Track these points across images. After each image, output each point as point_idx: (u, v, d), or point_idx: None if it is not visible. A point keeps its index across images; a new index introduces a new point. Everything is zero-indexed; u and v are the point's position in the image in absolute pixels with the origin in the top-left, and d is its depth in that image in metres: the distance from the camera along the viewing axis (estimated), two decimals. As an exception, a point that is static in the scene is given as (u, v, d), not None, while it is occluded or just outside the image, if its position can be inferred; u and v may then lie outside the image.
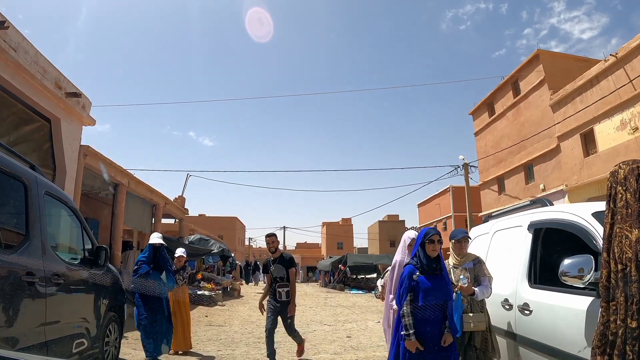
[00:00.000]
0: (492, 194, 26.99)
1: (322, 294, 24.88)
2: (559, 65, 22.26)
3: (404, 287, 3.72)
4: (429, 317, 3.64)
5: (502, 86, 25.81)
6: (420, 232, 3.99)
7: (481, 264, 4.05)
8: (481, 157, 27.53)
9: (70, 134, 9.61)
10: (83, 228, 4.51)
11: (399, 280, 4.12)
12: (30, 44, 8.35)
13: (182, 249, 8.12)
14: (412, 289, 3.67)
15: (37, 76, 8.33)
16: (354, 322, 11.99)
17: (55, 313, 3.63)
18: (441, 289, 3.68)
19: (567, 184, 19.88)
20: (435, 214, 43.17)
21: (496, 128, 26.42)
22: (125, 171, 12.53)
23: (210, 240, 21.42)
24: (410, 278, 3.71)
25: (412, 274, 3.73)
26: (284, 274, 6.06)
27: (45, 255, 3.51)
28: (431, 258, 3.72)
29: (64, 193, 4.27)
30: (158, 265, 6.24)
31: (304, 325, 10.95)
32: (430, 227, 4.14)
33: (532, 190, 22.61)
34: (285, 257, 6.18)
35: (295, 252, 67.14)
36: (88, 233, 4.60)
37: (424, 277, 3.67)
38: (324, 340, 8.78)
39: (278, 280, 6.04)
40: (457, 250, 4.18)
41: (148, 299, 6.02)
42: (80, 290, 4.19)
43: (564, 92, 20.19)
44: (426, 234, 3.79)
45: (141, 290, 5.97)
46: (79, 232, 4.48)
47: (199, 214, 52.67)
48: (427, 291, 3.62)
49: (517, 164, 24.01)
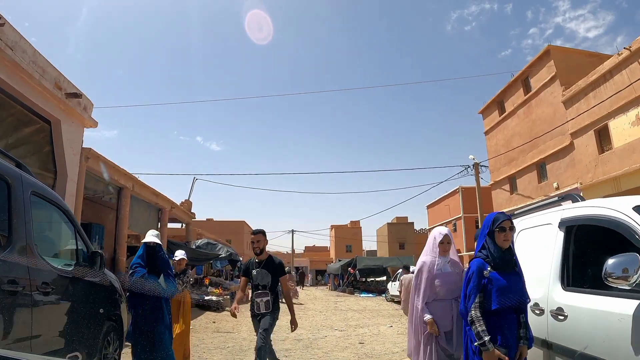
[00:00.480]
0: (504, 193, 26.47)
1: (331, 298, 24.51)
2: (570, 60, 21.76)
3: (471, 285, 3.06)
4: (503, 323, 3.00)
5: (512, 84, 25.32)
6: (486, 218, 3.31)
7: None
8: (492, 156, 27.02)
9: (71, 136, 9.34)
10: (77, 232, 4.19)
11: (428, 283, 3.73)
12: (28, 43, 8.10)
13: (182, 251, 7.47)
14: (482, 289, 3.04)
15: (36, 76, 8.08)
16: (366, 327, 11.60)
17: (44, 325, 3.31)
18: (517, 288, 3.08)
19: (581, 181, 19.36)
20: (445, 215, 42.65)
21: (507, 126, 25.92)
22: (130, 174, 12.27)
23: (217, 245, 21.15)
24: (480, 275, 3.05)
25: (483, 269, 3.06)
26: (268, 281, 4.94)
27: (32, 261, 3.19)
28: (502, 250, 3.11)
29: (55, 194, 3.95)
30: (155, 268, 5.25)
31: (315, 331, 10.59)
32: (497, 212, 3.35)
33: (545, 189, 22.09)
34: (274, 261, 5.08)
35: (303, 256, 66.84)
36: (83, 237, 4.28)
37: (497, 273, 3.05)
38: (336, 347, 8.41)
39: (260, 288, 4.93)
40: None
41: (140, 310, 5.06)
42: (74, 299, 3.85)
43: (577, 87, 19.70)
44: (494, 221, 3.15)
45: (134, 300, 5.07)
46: (73, 236, 4.16)
47: (207, 219, 52.55)
48: (502, 291, 2.99)
49: (529, 163, 23.48)
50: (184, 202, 20.54)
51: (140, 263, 5.17)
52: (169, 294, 5.23)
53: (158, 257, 5.32)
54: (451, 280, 3.79)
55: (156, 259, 5.29)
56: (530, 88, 23.70)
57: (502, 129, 26.45)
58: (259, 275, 4.95)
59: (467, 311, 3.04)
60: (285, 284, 5.11)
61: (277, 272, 5.02)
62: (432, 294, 3.75)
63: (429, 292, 3.75)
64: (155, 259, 5.27)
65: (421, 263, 3.98)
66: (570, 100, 20.17)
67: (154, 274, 5.16)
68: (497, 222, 3.11)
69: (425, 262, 3.93)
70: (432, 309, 3.70)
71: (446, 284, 3.79)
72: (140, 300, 5.00)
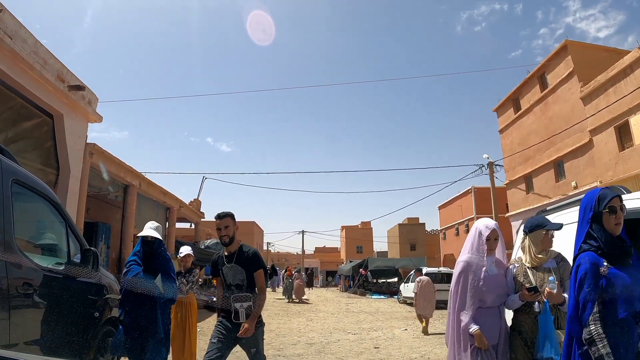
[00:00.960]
0: (520, 193, 25.79)
1: (343, 300, 24.04)
2: (588, 56, 21.08)
3: (587, 290, 2.15)
4: (622, 339, 2.08)
5: (528, 80, 24.64)
6: (585, 197, 2.42)
7: (565, 262, 3.00)
8: (507, 155, 26.36)
9: (74, 130, 9.01)
10: (69, 227, 3.79)
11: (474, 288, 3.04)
12: (29, 33, 7.78)
13: (188, 247, 6.55)
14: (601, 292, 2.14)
15: (37, 67, 7.76)
16: (380, 330, 11.13)
17: (24, 332, 2.92)
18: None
19: (601, 180, 18.70)
20: (457, 216, 41.94)
21: (522, 124, 25.24)
22: (136, 172, 11.93)
23: (226, 245, 20.77)
24: (596, 274, 2.16)
25: (598, 266, 2.17)
26: (244, 278, 3.76)
27: (11, 258, 2.79)
28: (615, 237, 2.25)
29: (43, 184, 3.55)
30: (153, 267, 4.31)
31: (327, 334, 10.15)
32: (600, 188, 2.43)
33: (563, 188, 21.43)
34: (247, 252, 3.84)
35: (314, 257, 66.41)
36: (75, 233, 3.88)
37: (616, 269, 2.17)
38: (350, 352, 7.95)
39: (234, 289, 3.74)
40: (546, 244, 3.03)
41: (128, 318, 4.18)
42: (62, 301, 3.45)
43: (596, 83, 19.06)
44: (600, 199, 2.29)
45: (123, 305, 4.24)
46: (64, 232, 3.76)
47: (217, 219, 52.28)
48: (628, 292, 2.12)
49: (546, 161, 22.80)
50: (193, 202, 20.22)
51: (136, 260, 4.33)
52: (166, 299, 4.33)
53: (157, 254, 4.41)
54: (499, 283, 3.14)
55: (155, 256, 4.38)
56: (547, 84, 23.04)
57: (518, 126, 25.78)
58: (231, 272, 3.78)
59: (582, 326, 2.15)
60: (260, 279, 3.82)
61: (250, 265, 3.78)
62: (479, 301, 3.10)
63: (476, 299, 3.07)
64: (153, 257, 4.38)
65: (463, 264, 3.19)
66: (589, 96, 19.55)
67: (152, 274, 4.26)
68: (603, 200, 2.28)
69: (469, 263, 3.16)
70: (479, 319, 3.04)
71: (494, 288, 3.11)
72: (131, 306, 4.15)
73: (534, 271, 2.99)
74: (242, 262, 3.78)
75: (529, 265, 3.04)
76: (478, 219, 3.55)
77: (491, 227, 3.20)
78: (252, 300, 3.70)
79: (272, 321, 12.77)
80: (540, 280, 2.90)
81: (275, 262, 58.23)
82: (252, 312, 3.66)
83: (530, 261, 3.05)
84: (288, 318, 13.87)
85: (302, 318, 13.94)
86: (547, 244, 3.03)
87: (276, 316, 14.33)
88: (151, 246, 4.42)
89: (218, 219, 3.78)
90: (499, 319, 3.12)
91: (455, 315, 3.16)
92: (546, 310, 2.77)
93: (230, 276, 3.79)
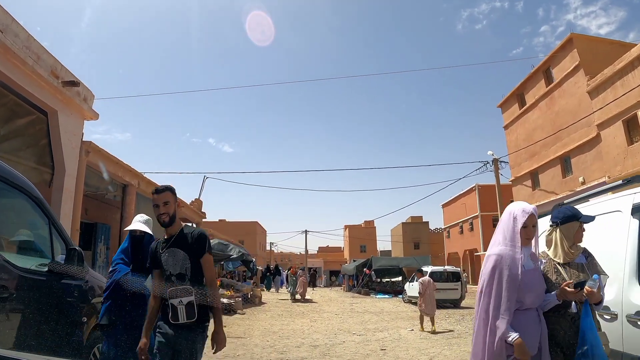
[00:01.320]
0: (526, 189, 25.45)
1: (347, 299, 23.75)
2: (594, 49, 20.79)
3: None
4: None
5: (533, 75, 24.32)
6: None
7: (593, 258, 2.73)
8: (512, 151, 26.01)
9: (69, 128, 8.76)
10: (52, 224, 3.52)
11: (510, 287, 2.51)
12: (21, 27, 7.53)
13: None
14: None
15: (29, 62, 7.51)
16: (386, 331, 10.83)
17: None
18: None
19: (609, 175, 18.39)
20: (461, 214, 41.63)
21: (528, 120, 24.90)
22: (135, 171, 11.67)
23: (229, 245, 20.53)
24: None
25: None
26: (187, 267, 2.94)
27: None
28: None
29: (23, 178, 3.27)
30: (142, 265, 3.60)
31: (332, 336, 9.86)
32: None
33: (570, 183, 21.10)
34: (190, 233, 3.05)
35: (317, 256, 66.16)
36: (60, 231, 3.61)
37: None
38: (356, 355, 7.66)
39: (174, 280, 2.93)
40: (578, 238, 2.71)
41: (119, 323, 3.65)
42: (43, 305, 3.16)
43: (603, 76, 18.74)
44: None
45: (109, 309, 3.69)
46: (46, 230, 3.48)
47: (219, 219, 52.26)
48: None
49: (552, 157, 22.47)
50: (194, 202, 19.99)
51: (123, 259, 3.85)
52: None
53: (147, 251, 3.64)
54: (538, 280, 2.62)
55: (145, 253, 3.59)
56: (553, 79, 22.72)
57: (523, 122, 25.44)
58: (171, 259, 2.97)
59: None
60: (207, 266, 3.00)
61: (195, 249, 2.98)
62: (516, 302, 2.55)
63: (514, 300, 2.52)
64: (143, 254, 3.68)
65: (496, 257, 2.63)
66: (596, 90, 19.24)
67: (142, 273, 3.65)
68: None
69: (502, 256, 2.60)
70: (516, 325, 2.49)
71: (534, 286, 2.57)
72: (117, 310, 3.65)
73: (567, 267, 2.65)
74: (184, 246, 2.98)
75: (559, 260, 2.68)
76: (511, 202, 2.95)
77: (529, 211, 2.64)
78: (195, 295, 2.86)
79: (275, 322, 12.51)
80: (575, 278, 2.57)
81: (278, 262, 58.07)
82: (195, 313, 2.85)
83: (563, 256, 2.69)
84: (291, 319, 13.60)
85: (306, 319, 13.67)
86: (579, 238, 2.70)
87: (279, 317, 14.06)
88: (140, 242, 3.91)
89: (156, 194, 3.07)
90: (539, 323, 2.58)
91: (488, 320, 2.59)
92: (588, 313, 2.42)
93: (170, 264, 2.97)
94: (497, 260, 2.61)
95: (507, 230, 2.68)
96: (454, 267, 22.47)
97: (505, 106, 27.73)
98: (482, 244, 36.14)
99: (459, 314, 15.07)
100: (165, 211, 3.00)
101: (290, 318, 13.85)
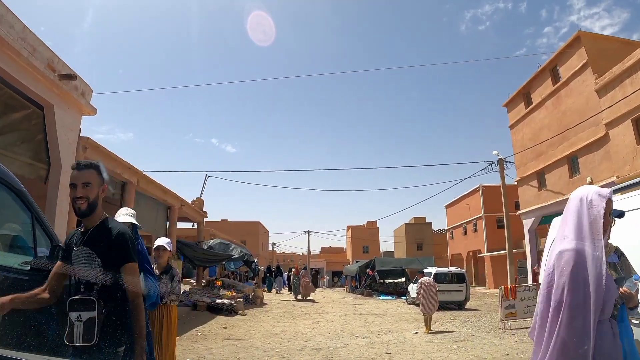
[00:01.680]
0: (532, 190, 25.08)
1: (350, 300, 23.45)
2: (602, 47, 20.40)
3: None
4: None
5: (539, 74, 23.94)
6: None
7: (625, 257, 2.39)
8: (518, 151, 25.63)
9: (66, 123, 8.50)
10: (36, 219, 3.25)
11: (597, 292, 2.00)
12: (16, 18, 7.27)
13: (167, 239, 5.19)
14: None
15: (24, 54, 7.23)
16: (390, 334, 10.55)
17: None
18: None
19: (618, 175, 18.00)
20: (465, 215, 41.23)
21: (534, 119, 24.53)
22: (134, 168, 11.41)
23: (230, 245, 20.28)
24: None
25: None
26: (99, 273, 2.22)
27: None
28: None
29: (5, 169, 3.01)
30: None
31: (335, 338, 9.58)
32: None
33: (578, 184, 20.70)
34: (110, 228, 2.33)
35: (320, 257, 65.84)
36: (45, 227, 3.34)
37: None
38: (361, 359, 7.39)
39: (81, 287, 2.24)
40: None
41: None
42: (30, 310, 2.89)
43: (611, 75, 18.37)
44: None
45: None
46: (29, 225, 3.21)
47: (221, 219, 52.03)
48: None
49: (559, 157, 22.08)
50: (195, 200, 19.72)
51: None
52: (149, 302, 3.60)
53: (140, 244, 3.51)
54: (613, 283, 2.14)
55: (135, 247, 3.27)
56: (560, 77, 22.35)
57: (529, 121, 25.06)
58: (81, 261, 2.28)
59: None
60: (131, 280, 2.26)
61: (112, 253, 2.26)
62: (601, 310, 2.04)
63: (599, 308, 2.02)
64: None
65: (573, 255, 2.12)
66: (604, 88, 18.87)
67: None
68: None
69: (583, 254, 2.09)
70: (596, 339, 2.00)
71: (615, 291, 2.11)
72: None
73: None
74: (100, 247, 2.26)
75: None
76: (578, 187, 2.45)
77: (606, 195, 2.19)
78: (99, 310, 2.14)
79: (277, 324, 12.24)
80: None
81: (280, 262, 57.80)
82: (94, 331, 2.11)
83: None
84: (293, 320, 13.32)
85: (308, 320, 13.38)
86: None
87: (281, 318, 13.78)
88: None
89: (76, 169, 2.32)
90: (616, 336, 2.10)
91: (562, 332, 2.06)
92: (624, 318, 2.12)
93: (79, 268, 2.25)
94: (576, 258, 2.11)
95: (582, 220, 2.21)
96: (458, 268, 22.18)
97: (511, 105, 27.37)
98: (486, 245, 35.77)
99: (464, 316, 14.76)
100: (83, 194, 2.25)
101: (293, 319, 13.57)
